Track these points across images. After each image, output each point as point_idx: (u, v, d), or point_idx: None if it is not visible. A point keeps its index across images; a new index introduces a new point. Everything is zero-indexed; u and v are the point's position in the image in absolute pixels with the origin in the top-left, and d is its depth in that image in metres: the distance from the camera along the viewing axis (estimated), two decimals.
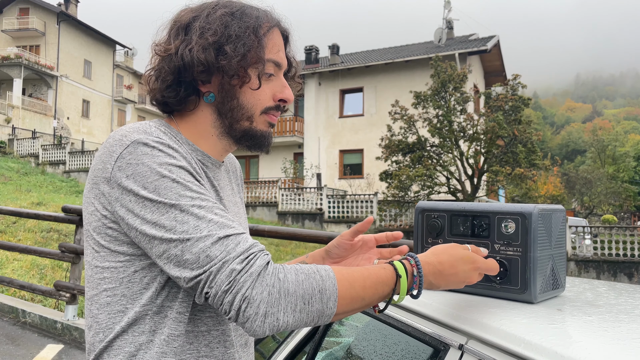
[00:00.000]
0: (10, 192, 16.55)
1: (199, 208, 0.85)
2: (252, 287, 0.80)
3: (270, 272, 0.82)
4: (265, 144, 1.03)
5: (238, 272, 0.80)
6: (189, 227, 0.83)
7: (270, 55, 0.99)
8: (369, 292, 0.87)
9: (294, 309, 0.82)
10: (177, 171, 0.88)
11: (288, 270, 0.83)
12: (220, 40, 0.94)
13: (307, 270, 0.84)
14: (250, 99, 0.98)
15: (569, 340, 0.83)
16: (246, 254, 0.82)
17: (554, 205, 1.10)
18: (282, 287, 0.81)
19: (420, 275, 0.90)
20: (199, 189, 0.88)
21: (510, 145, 18.57)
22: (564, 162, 66.39)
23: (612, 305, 1.05)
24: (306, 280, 0.83)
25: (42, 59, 34.96)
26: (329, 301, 0.83)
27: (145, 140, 0.89)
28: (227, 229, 0.84)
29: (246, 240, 0.84)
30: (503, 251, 1.05)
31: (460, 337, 0.95)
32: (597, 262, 15.83)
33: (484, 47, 23.96)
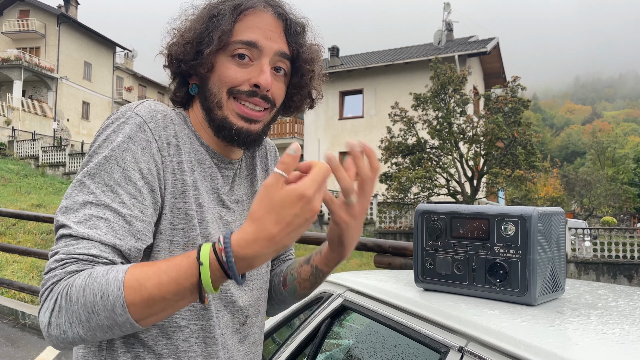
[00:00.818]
0: (10, 194, 16.55)
1: (95, 197, 0.82)
2: (49, 291, 0.76)
3: (67, 278, 0.75)
4: (244, 139, 0.95)
5: (50, 269, 0.77)
6: (70, 209, 0.82)
7: (240, 37, 0.93)
8: (168, 288, 0.73)
9: (80, 319, 0.73)
10: (121, 152, 0.85)
11: (83, 273, 0.75)
12: (184, 31, 0.96)
13: (98, 272, 0.75)
14: (216, 81, 0.95)
15: (568, 343, 0.83)
16: (69, 257, 0.77)
17: (554, 208, 1.11)
18: (67, 294, 0.74)
19: (230, 260, 0.72)
20: (124, 180, 0.84)
21: (509, 147, 18.57)
22: (564, 164, 66.44)
23: (611, 307, 1.06)
24: (89, 285, 0.73)
25: (42, 60, 34.98)
26: (114, 307, 0.72)
27: (123, 115, 0.89)
28: (89, 230, 0.79)
29: (89, 247, 0.78)
30: (503, 253, 1.05)
31: (460, 340, 0.95)
32: (597, 264, 15.83)
33: (483, 49, 23.98)
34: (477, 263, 1.08)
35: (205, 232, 0.94)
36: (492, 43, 25.12)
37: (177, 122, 0.95)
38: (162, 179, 0.89)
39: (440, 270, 1.13)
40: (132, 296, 0.73)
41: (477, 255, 1.08)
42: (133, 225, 0.83)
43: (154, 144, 0.88)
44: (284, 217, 0.72)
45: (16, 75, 33.21)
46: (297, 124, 26.11)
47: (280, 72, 0.99)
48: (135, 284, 0.74)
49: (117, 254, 0.81)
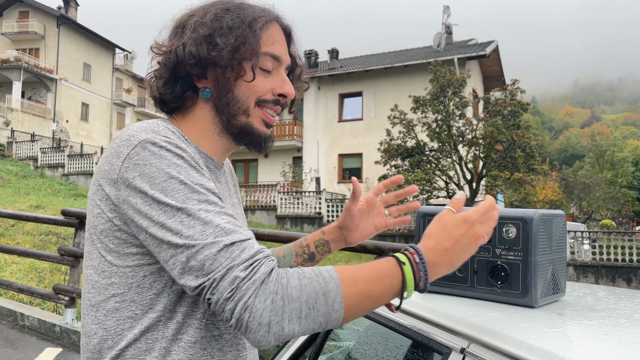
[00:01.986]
0: (9, 195, 16.53)
1: (206, 212, 0.83)
2: (255, 296, 0.77)
3: (273, 279, 0.79)
4: (263, 144, 1.02)
5: (241, 279, 0.78)
6: (195, 232, 0.81)
7: (267, 49, 0.98)
8: (375, 286, 0.83)
9: (299, 315, 0.79)
10: (186, 172, 0.86)
11: (291, 274, 0.81)
12: (212, 33, 0.95)
13: (309, 273, 0.81)
14: (245, 91, 0.97)
15: (570, 344, 0.84)
16: (251, 261, 0.80)
17: (555, 211, 1.11)
18: (286, 293, 0.78)
19: (423, 260, 0.86)
20: (207, 191, 0.86)
21: (509, 150, 18.59)
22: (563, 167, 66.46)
23: (612, 309, 1.06)
24: (309, 284, 0.80)
25: (41, 62, 34.98)
26: (334, 303, 0.80)
27: (154, 140, 0.88)
28: (233, 235, 0.82)
29: (252, 246, 0.82)
30: (504, 256, 1.05)
31: (462, 341, 0.95)
32: (596, 267, 15.84)
33: (482, 52, 24.01)
34: (478, 265, 1.09)
35: None
36: (492, 46, 25.16)
37: (182, 137, 0.96)
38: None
39: None
40: (349, 292, 0.81)
41: (479, 257, 1.09)
42: (237, 219, 0.89)
43: (196, 159, 0.91)
44: (453, 235, 0.88)
45: (15, 76, 33.20)
46: (296, 126, 26.12)
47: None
48: (350, 281, 0.82)
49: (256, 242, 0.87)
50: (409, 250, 0.87)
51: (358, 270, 0.84)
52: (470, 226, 0.89)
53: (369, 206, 1.18)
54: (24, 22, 35.99)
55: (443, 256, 0.87)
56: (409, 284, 0.84)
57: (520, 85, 19.11)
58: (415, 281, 0.85)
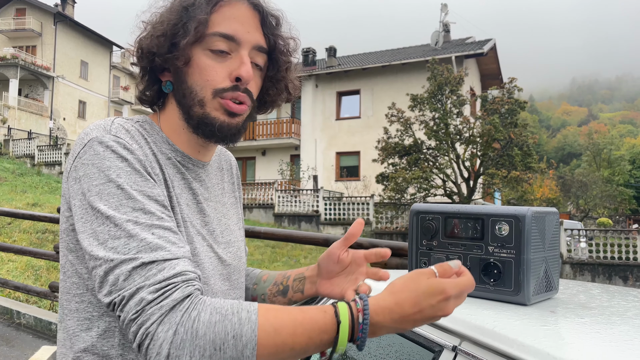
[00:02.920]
0: (5, 193, 16.49)
1: (135, 224, 0.78)
2: (159, 323, 0.72)
3: (183, 308, 0.73)
4: (225, 134, 0.93)
5: (148, 302, 0.73)
6: (118, 244, 0.77)
7: (216, 29, 0.90)
8: (299, 340, 0.74)
9: (202, 354, 0.71)
10: (127, 176, 0.82)
11: (205, 307, 0.73)
12: (156, 23, 0.92)
13: (226, 309, 0.74)
14: (197, 79, 0.91)
15: (561, 342, 0.84)
16: (164, 284, 0.74)
17: (548, 208, 1.11)
18: (192, 327, 0.71)
19: (366, 322, 0.75)
20: (146, 198, 0.81)
21: (506, 148, 18.62)
22: (560, 165, 66.60)
23: (604, 307, 1.06)
24: (220, 322, 0.72)
25: (38, 59, 34.88)
26: (245, 349, 0.72)
27: (101, 139, 0.84)
28: (157, 252, 0.77)
29: (173, 267, 0.76)
30: (497, 253, 1.05)
31: (453, 339, 0.95)
32: (593, 265, 15.88)
33: (480, 50, 24.02)
34: (471, 263, 1.08)
35: (192, 248, 0.91)
36: (489, 44, 25.17)
37: (147, 136, 0.92)
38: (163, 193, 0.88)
39: None
40: (265, 341, 0.73)
41: (472, 254, 1.08)
42: (178, 233, 0.83)
43: (144, 162, 0.86)
44: (420, 303, 0.75)
45: (12, 73, 33.09)
46: (294, 124, 26.11)
47: (257, 66, 0.96)
48: (270, 329, 0.73)
49: (190, 263, 0.80)
50: (356, 304, 0.76)
51: (286, 316, 0.75)
52: (445, 300, 0.76)
53: (352, 267, 1.03)
54: (21, 19, 35.87)
55: (397, 321, 0.76)
56: (340, 343, 0.75)
57: (517, 84, 19.13)
58: (352, 339, 0.76)
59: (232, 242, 1.04)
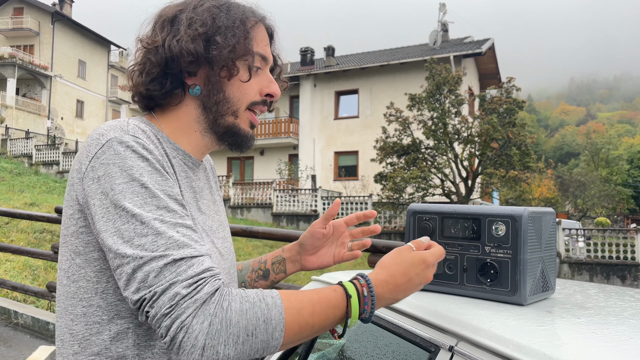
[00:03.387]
0: (3, 193, 16.46)
1: (161, 222, 0.80)
2: (194, 316, 0.75)
3: (215, 300, 0.76)
4: (246, 144, 1.01)
5: (182, 296, 0.75)
6: (146, 242, 0.78)
7: (258, 49, 0.98)
8: (318, 318, 0.82)
9: (236, 341, 0.75)
10: (149, 175, 0.84)
11: (233, 297, 0.78)
12: (209, 31, 0.93)
13: (253, 297, 0.79)
14: (237, 92, 0.97)
15: (557, 342, 0.84)
16: (196, 279, 0.77)
17: (544, 208, 1.11)
18: (225, 317, 0.75)
19: (372, 294, 0.85)
20: (168, 197, 0.84)
21: (504, 147, 18.64)
22: (558, 164, 66.67)
23: (601, 307, 1.06)
24: (251, 309, 0.77)
25: (36, 58, 34.82)
26: (274, 332, 0.78)
27: (121, 139, 0.85)
28: (185, 249, 0.79)
29: (201, 263, 0.79)
30: (493, 253, 1.05)
31: (450, 339, 0.95)
32: (591, 264, 15.91)
33: (478, 50, 24.05)
34: (468, 263, 1.08)
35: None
36: (488, 44, 25.20)
37: (154, 137, 0.93)
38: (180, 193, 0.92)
39: None
40: (291, 322, 0.80)
41: (468, 255, 1.08)
42: (197, 231, 0.86)
43: (162, 161, 0.89)
44: (408, 272, 0.89)
45: (10, 73, 33.04)
46: (292, 123, 26.11)
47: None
48: (294, 310, 0.80)
49: (210, 259, 0.83)
50: (359, 281, 0.86)
51: (304, 298, 0.82)
52: (426, 267, 0.90)
53: (336, 234, 1.16)
54: (19, 18, 35.81)
55: (392, 291, 0.88)
56: (353, 315, 0.84)
57: (516, 83, 19.17)
58: (360, 313, 0.85)
59: (226, 238, 1.08)
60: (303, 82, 26.30)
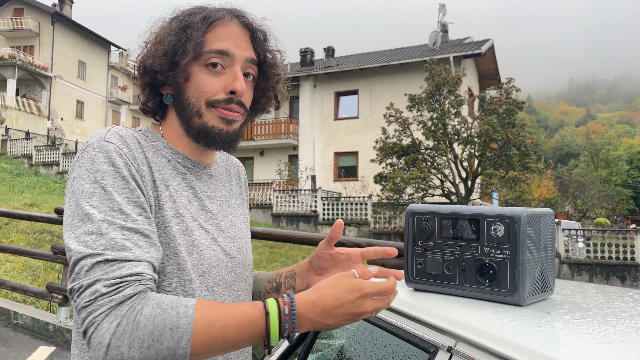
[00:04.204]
0: (3, 193, 16.45)
1: (109, 223, 0.85)
2: (106, 314, 0.78)
3: (129, 304, 0.79)
4: (222, 140, 1.02)
5: (101, 294, 0.80)
6: (89, 240, 0.84)
7: (211, 46, 0.99)
8: (231, 331, 0.82)
9: (141, 344, 0.77)
10: (112, 178, 0.89)
11: (149, 301, 0.80)
12: (157, 43, 1.01)
13: (167, 304, 0.80)
14: (193, 92, 1.00)
15: (556, 343, 0.84)
16: (119, 280, 0.81)
17: (543, 209, 1.11)
18: (134, 319, 0.78)
19: (294, 313, 0.83)
20: (125, 200, 0.88)
21: (504, 148, 18.64)
22: (558, 165, 66.67)
23: (600, 308, 1.06)
24: (160, 315, 0.79)
25: (36, 59, 34.81)
26: (180, 340, 0.78)
27: (95, 144, 0.92)
28: (122, 252, 0.83)
29: (132, 267, 0.83)
30: (492, 254, 1.05)
31: (449, 340, 0.95)
32: (590, 265, 15.91)
33: (478, 51, 24.06)
34: (466, 263, 1.08)
35: (191, 240, 0.99)
36: (487, 45, 25.21)
37: (143, 142, 0.99)
38: (147, 196, 0.94)
39: (431, 271, 1.13)
40: (199, 333, 0.80)
41: (467, 255, 1.09)
42: (150, 238, 0.89)
43: (131, 166, 0.93)
44: (341, 298, 0.84)
45: (10, 73, 33.03)
46: (292, 124, 26.11)
47: (249, 77, 1.05)
48: (205, 322, 0.80)
49: (151, 267, 0.87)
50: (283, 299, 0.85)
51: (219, 310, 0.82)
52: (362, 297, 0.85)
53: (347, 262, 1.09)
54: (19, 19, 35.80)
55: (319, 314, 0.84)
56: (272, 333, 0.83)
57: (515, 84, 19.16)
58: (280, 331, 0.83)
59: (237, 238, 1.11)
60: (303, 82, 26.30)
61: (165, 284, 0.94)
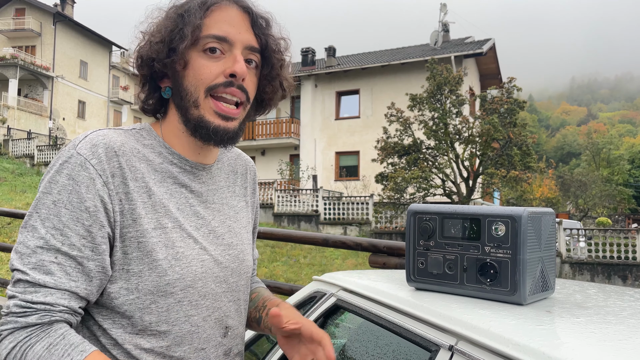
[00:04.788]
0: (5, 193, 16.48)
1: (46, 242, 0.86)
2: (9, 332, 0.84)
3: (31, 332, 0.83)
4: (221, 137, 0.96)
5: (12, 312, 0.84)
6: (24, 253, 0.86)
7: (208, 31, 0.94)
8: None
9: None
10: (67, 194, 0.87)
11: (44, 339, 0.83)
12: (154, 31, 0.97)
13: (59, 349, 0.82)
14: (192, 79, 0.95)
15: (556, 342, 0.84)
16: (29, 305, 0.84)
17: (544, 209, 1.12)
18: (25, 351, 0.82)
19: None
20: (72, 221, 0.87)
21: (505, 147, 18.63)
22: (559, 164, 66.59)
23: (600, 307, 1.07)
24: (45, 358, 0.82)
25: (37, 59, 34.84)
26: None
27: (66, 154, 0.90)
28: (45, 276, 0.85)
29: (46, 295, 0.85)
30: (493, 253, 1.06)
31: (450, 338, 0.96)
32: (592, 264, 15.89)
33: (479, 50, 24.03)
34: (468, 263, 1.09)
35: (173, 252, 0.94)
36: (488, 44, 25.17)
37: (123, 150, 0.93)
38: (112, 211, 0.90)
39: (432, 270, 1.14)
40: None
41: (468, 255, 1.09)
42: (85, 266, 0.88)
43: (98, 179, 0.89)
44: None
45: (12, 73, 33.06)
46: (293, 124, 26.11)
47: (252, 64, 1.00)
48: None
49: (73, 297, 0.87)
50: None
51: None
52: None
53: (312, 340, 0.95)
54: (20, 19, 35.83)
55: None
56: None
57: (516, 83, 19.13)
58: None
59: (234, 245, 1.06)
60: (304, 82, 26.30)
61: (139, 300, 0.91)
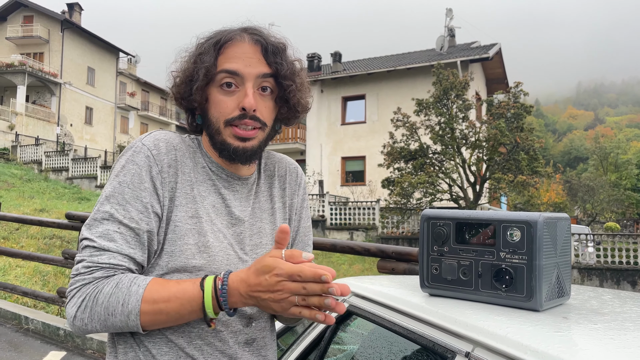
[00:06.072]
0: (13, 199, 16.57)
1: (110, 215, 1.00)
2: (77, 290, 0.97)
3: (96, 284, 0.96)
4: (240, 156, 1.08)
5: (79, 272, 0.98)
6: (92, 224, 1.00)
7: (223, 67, 1.06)
8: (172, 306, 0.95)
9: (99, 318, 0.95)
10: (131, 176, 1.02)
11: (111, 281, 0.96)
12: (179, 72, 1.11)
13: (125, 283, 0.96)
14: (214, 113, 1.08)
15: (575, 348, 0.83)
16: (95, 264, 0.97)
17: (559, 214, 1.11)
18: (95, 297, 0.95)
19: (224, 287, 0.93)
20: (134, 199, 1.01)
21: (512, 152, 18.56)
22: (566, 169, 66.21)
23: (617, 313, 1.06)
24: (115, 293, 0.95)
25: (45, 66, 35.11)
26: (130, 314, 0.95)
27: (133, 145, 1.07)
28: (108, 243, 0.98)
29: (110, 258, 0.97)
30: (509, 259, 1.05)
31: (466, 345, 0.95)
32: (600, 269, 15.78)
33: (485, 55, 24.01)
34: (482, 268, 1.08)
35: (204, 240, 1.05)
36: (495, 49, 25.15)
37: (180, 147, 1.09)
38: (162, 196, 1.04)
39: (446, 276, 1.13)
40: (146, 308, 0.95)
41: (483, 260, 1.08)
42: (141, 237, 1.01)
43: (154, 167, 1.04)
44: (259, 277, 0.90)
45: (20, 80, 33.33)
46: (299, 129, 26.15)
47: (267, 90, 1.09)
48: (150, 299, 0.95)
49: (132, 261, 1.01)
50: (219, 276, 0.95)
51: (164, 288, 0.96)
52: (275, 276, 0.88)
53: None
54: (29, 26, 36.14)
55: (247, 291, 0.92)
56: (207, 307, 0.94)
57: (523, 88, 19.10)
58: (214, 305, 0.94)
59: (261, 245, 1.16)
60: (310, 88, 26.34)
61: (168, 276, 1.03)
